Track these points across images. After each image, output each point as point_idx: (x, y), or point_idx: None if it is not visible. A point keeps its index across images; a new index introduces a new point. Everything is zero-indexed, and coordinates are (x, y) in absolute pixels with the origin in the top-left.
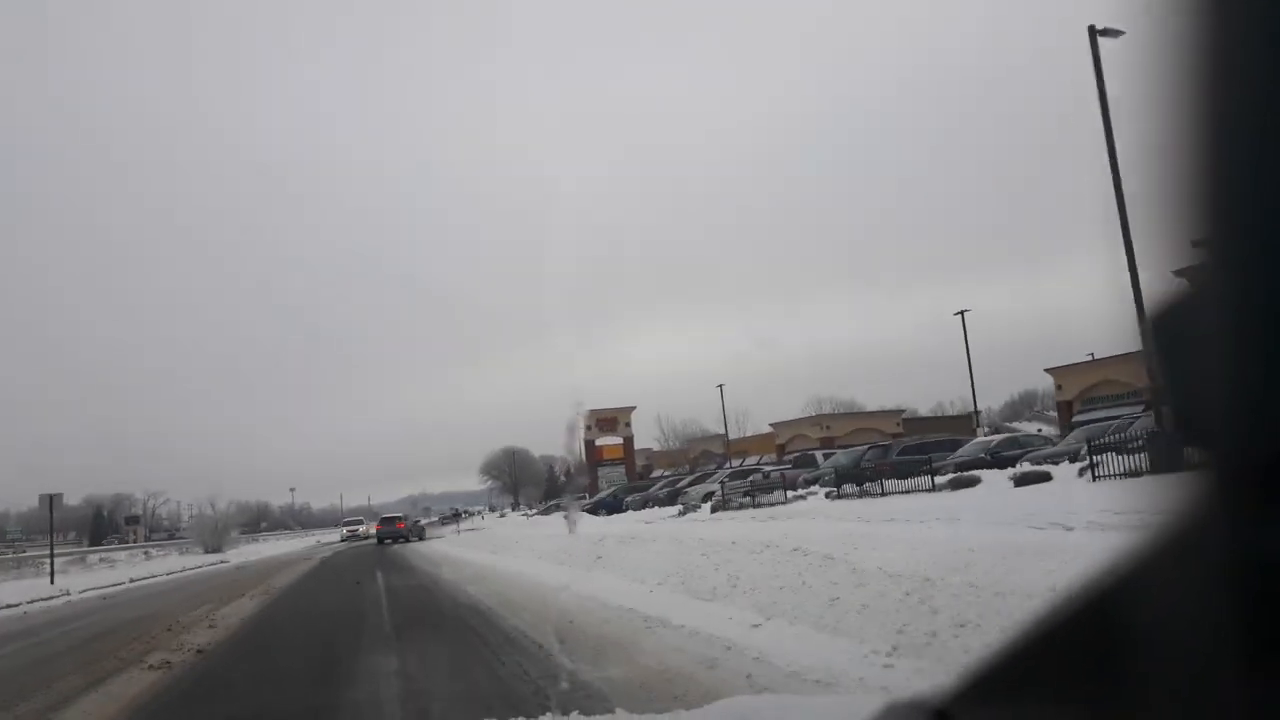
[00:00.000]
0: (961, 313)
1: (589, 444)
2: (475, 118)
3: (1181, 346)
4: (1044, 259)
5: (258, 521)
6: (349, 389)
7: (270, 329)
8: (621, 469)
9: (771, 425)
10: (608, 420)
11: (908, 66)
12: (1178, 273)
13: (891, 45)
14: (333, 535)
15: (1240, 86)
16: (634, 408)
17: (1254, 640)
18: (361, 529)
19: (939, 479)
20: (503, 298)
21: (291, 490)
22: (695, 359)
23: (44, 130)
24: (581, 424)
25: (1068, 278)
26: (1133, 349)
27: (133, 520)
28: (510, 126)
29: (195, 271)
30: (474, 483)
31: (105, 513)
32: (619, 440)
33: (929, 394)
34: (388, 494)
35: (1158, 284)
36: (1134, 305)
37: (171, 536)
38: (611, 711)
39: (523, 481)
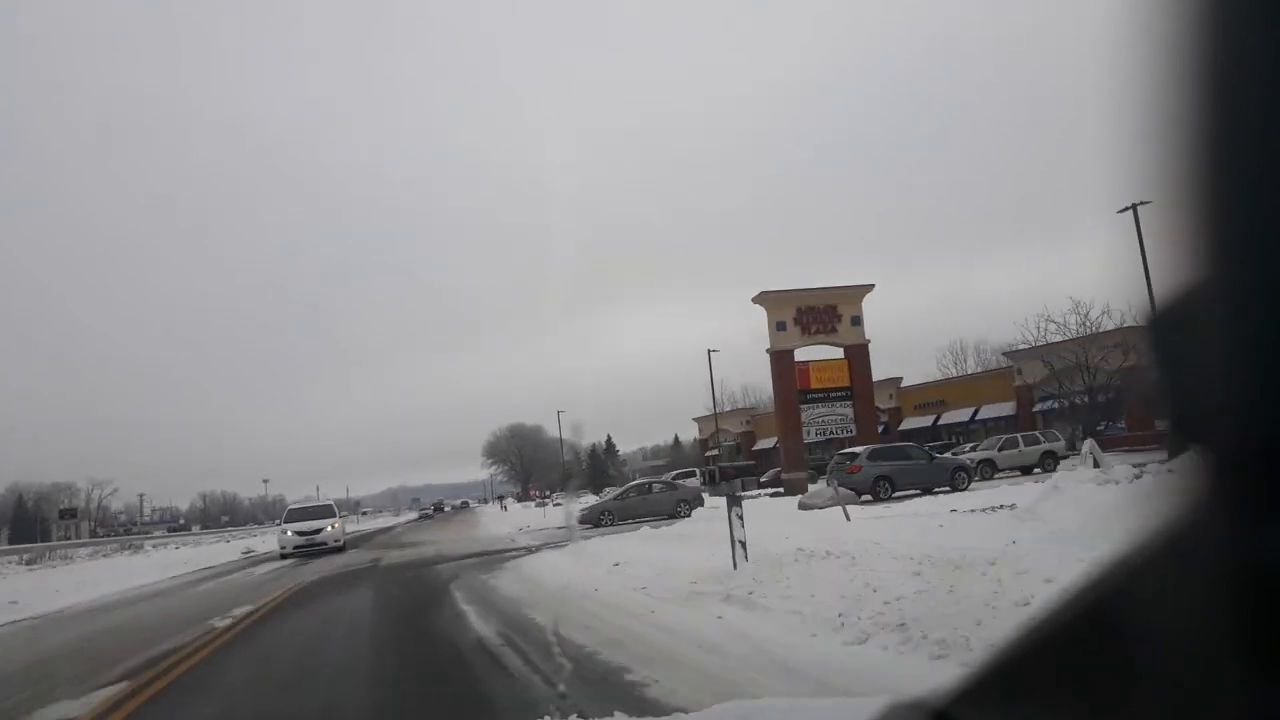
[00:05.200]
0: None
1: (779, 356)
2: (466, 86)
3: (1181, 344)
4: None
5: (220, 515)
6: (328, 377)
7: (243, 313)
8: (848, 408)
9: (1006, 354)
10: (818, 314)
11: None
12: (1178, 271)
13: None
14: (274, 540)
15: (1242, 87)
16: (871, 285)
17: (1253, 642)
18: (327, 531)
19: None
20: (493, 280)
21: (265, 482)
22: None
23: (28, 114)
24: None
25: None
26: None
27: (69, 513)
28: (506, 98)
29: (167, 251)
30: (473, 470)
31: (30, 503)
32: (839, 352)
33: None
34: (367, 486)
35: (1159, 282)
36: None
37: (128, 532)
38: (610, 714)
39: (535, 465)
